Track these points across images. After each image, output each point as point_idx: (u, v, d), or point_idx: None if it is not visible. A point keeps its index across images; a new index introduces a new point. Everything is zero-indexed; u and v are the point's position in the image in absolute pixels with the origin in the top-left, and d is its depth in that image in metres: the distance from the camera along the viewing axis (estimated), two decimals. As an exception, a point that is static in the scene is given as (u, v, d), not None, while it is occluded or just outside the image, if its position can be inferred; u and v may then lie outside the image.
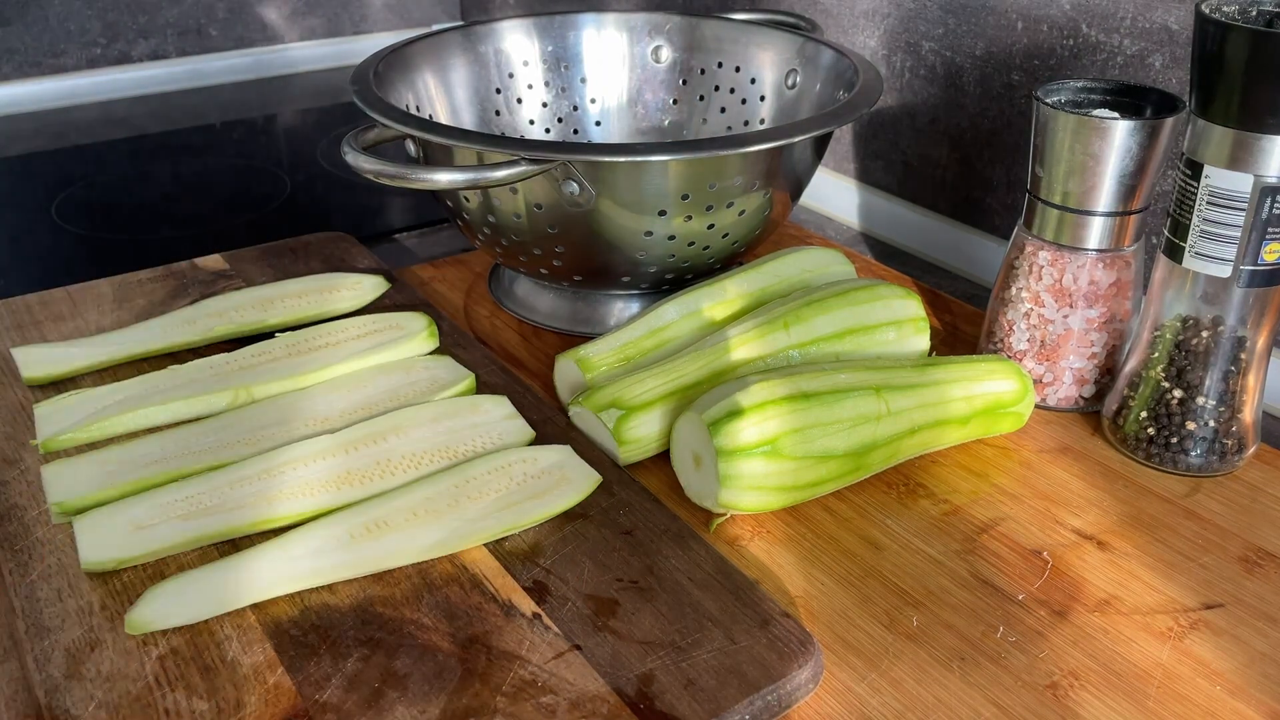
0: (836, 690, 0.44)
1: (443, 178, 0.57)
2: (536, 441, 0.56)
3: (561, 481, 0.52)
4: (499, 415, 0.57)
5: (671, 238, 0.63)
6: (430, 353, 0.64)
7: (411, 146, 0.66)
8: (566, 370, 0.61)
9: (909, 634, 0.47)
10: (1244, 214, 0.51)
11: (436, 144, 0.62)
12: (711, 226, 0.63)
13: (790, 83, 0.78)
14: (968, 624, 0.47)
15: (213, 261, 0.74)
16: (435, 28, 1.45)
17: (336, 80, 1.33)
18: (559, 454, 0.53)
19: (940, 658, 0.45)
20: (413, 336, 0.63)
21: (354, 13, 1.39)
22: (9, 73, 1.20)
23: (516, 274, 0.74)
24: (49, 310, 0.68)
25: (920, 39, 0.82)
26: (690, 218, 0.62)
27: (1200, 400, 0.56)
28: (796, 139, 0.61)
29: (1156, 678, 0.45)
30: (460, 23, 1.48)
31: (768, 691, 0.41)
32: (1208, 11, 0.50)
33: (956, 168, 0.83)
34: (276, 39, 1.35)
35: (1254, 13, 0.52)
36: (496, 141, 0.60)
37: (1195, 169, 0.52)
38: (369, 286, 0.70)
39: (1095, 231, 0.58)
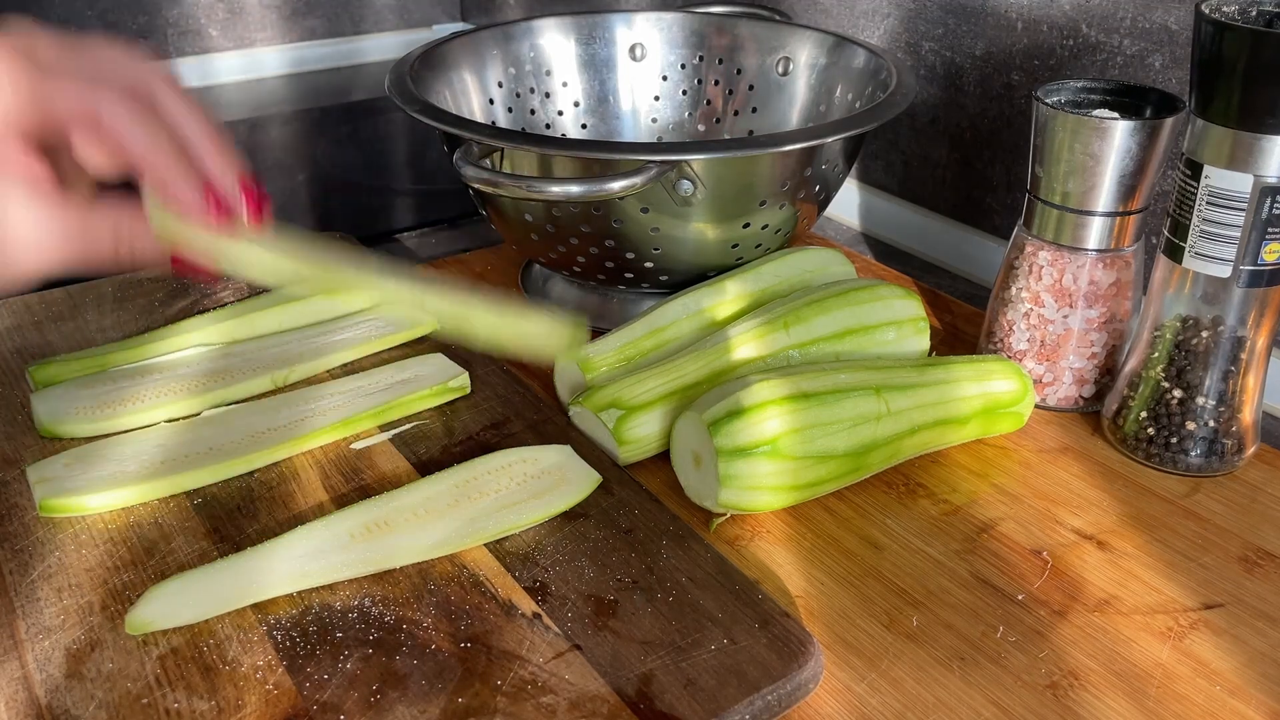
0: (836, 690, 0.44)
1: (556, 190, 0.57)
2: (538, 442, 0.56)
3: (561, 481, 0.52)
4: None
5: (764, 227, 0.65)
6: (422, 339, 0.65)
7: (476, 148, 0.61)
8: (566, 370, 0.61)
9: (909, 634, 0.47)
10: (1244, 214, 0.51)
11: (549, 155, 0.62)
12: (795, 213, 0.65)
13: (813, 76, 0.78)
14: (968, 624, 0.47)
15: (213, 261, 0.74)
16: (436, 29, 1.46)
17: (336, 80, 1.33)
18: (559, 454, 0.53)
19: (940, 658, 0.45)
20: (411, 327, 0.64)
21: (354, 13, 1.39)
22: (9, 73, 1.19)
23: (552, 273, 0.74)
24: (49, 310, 0.68)
25: (920, 39, 0.82)
26: (783, 205, 0.64)
27: (1200, 400, 0.56)
28: (891, 115, 0.63)
29: (1156, 678, 0.45)
30: (461, 24, 1.48)
31: (768, 691, 0.41)
32: (1207, 11, 0.50)
33: (956, 168, 0.83)
34: (276, 39, 1.35)
35: (1254, 13, 0.52)
36: (622, 148, 0.61)
37: (1195, 169, 0.52)
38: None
39: (1095, 231, 0.58)
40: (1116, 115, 0.56)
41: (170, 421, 0.57)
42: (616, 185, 0.56)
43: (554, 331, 0.46)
